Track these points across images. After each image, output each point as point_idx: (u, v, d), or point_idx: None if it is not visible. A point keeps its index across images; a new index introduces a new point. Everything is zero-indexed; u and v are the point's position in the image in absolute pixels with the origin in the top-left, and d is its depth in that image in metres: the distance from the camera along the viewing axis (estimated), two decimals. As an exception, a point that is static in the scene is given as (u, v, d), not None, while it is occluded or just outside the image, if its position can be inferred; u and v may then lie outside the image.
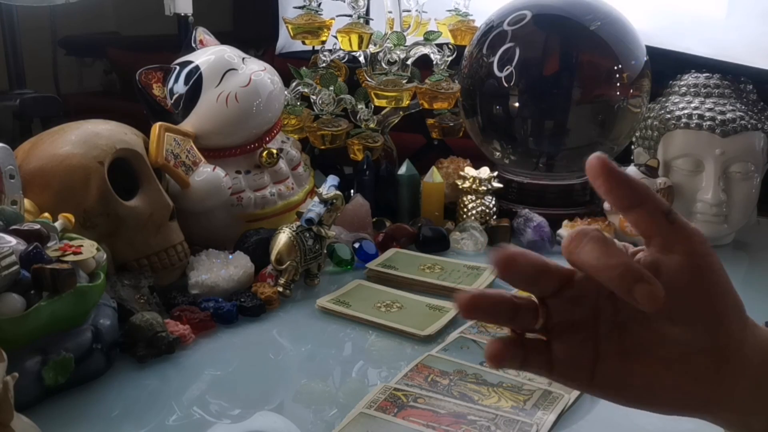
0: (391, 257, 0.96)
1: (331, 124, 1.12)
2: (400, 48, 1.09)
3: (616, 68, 1.08)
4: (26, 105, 1.22)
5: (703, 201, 1.04)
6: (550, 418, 0.61)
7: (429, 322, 0.78)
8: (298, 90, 1.13)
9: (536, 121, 1.11)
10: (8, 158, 0.73)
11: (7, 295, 0.59)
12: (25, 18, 1.27)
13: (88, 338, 0.66)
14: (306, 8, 1.12)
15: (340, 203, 0.90)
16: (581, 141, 1.12)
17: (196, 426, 0.62)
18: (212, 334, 0.77)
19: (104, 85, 2.12)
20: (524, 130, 1.11)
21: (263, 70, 0.96)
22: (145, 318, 0.71)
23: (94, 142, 0.79)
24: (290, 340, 0.78)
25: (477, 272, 0.92)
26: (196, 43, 1.00)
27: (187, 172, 0.87)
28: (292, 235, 0.85)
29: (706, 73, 1.10)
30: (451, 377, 0.67)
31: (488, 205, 1.08)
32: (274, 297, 0.83)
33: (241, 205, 0.95)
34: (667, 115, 1.08)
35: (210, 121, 0.92)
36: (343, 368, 0.73)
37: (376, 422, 0.59)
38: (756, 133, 1.05)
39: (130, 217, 0.80)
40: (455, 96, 1.13)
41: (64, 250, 0.65)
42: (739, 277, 1.01)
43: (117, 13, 2.08)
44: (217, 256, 0.87)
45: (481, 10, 1.20)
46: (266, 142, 0.98)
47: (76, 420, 0.62)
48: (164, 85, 0.94)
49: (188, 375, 0.70)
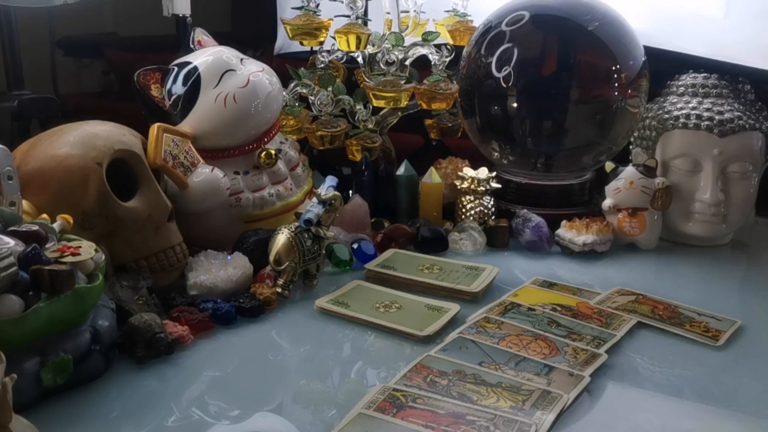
0: (390, 258, 0.96)
1: (329, 125, 1.12)
2: (399, 48, 1.09)
3: (615, 68, 1.08)
4: (24, 106, 1.22)
5: (701, 201, 1.04)
6: (549, 418, 0.61)
7: (428, 322, 0.79)
8: (296, 91, 1.13)
9: (535, 121, 1.11)
10: (6, 159, 0.73)
11: (6, 296, 0.59)
12: (23, 19, 1.27)
13: (87, 339, 0.66)
14: (304, 9, 1.12)
15: (338, 204, 0.90)
16: (579, 141, 1.12)
17: (195, 427, 0.62)
18: (211, 334, 0.77)
19: (102, 86, 2.11)
20: (523, 130, 1.12)
21: (261, 71, 0.96)
22: (143, 319, 0.71)
23: (93, 143, 0.79)
24: (289, 341, 0.78)
25: (476, 272, 0.92)
26: (195, 43, 1.00)
27: (185, 173, 0.87)
28: (290, 236, 0.85)
29: (704, 73, 1.11)
30: (450, 377, 0.67)
31: (487, 206, 1.08)
32: (272, 298, 0.83)
33: (240, 206, 0.95)
34: (666, 115, 1.08)
35: (208, 121, 0.92)
36: (342, 369, 0.73)
37: (375, 423, 0.59)
38: (754, 133, 1.05)
39: (128, 218, 0.80)
40: (454, 96, 1.13)
41: (63, 252, 0.65)
42: (738, 276, 1.01)
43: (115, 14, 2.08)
44: (216, 256, 0.87)
45: (480, 11, 1.20)
46: (265, 143, 0.98)
47: (74, 421, 0.62)
48: (163, 85, 0.94)
49: (187, 376, 0.70)
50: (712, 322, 0.81)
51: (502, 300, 0.86)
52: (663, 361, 0.74)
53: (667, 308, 0.84)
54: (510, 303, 0.84)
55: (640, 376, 0.71)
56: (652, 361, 0.74)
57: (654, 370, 0.72)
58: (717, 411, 0.67)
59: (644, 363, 0.74)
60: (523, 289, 0.89)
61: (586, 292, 0.89)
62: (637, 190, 1.04)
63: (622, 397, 0.68)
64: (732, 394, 0.69)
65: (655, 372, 0.72)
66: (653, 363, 0.74)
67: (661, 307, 0.84)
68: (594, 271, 0.98)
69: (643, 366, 0.73)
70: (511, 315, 0.81)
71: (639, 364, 0.73)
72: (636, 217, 1.04)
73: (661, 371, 0.72)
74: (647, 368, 0.73)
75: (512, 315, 0.81)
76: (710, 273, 0.99)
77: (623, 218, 1.05)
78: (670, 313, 0.83)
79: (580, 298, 0.87)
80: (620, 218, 1.05)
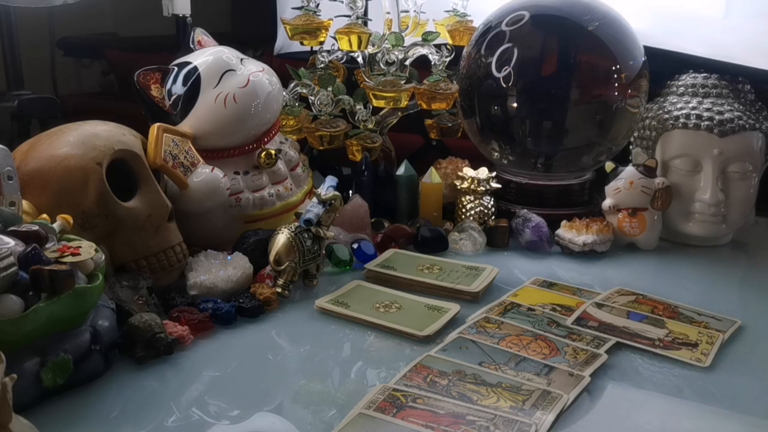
0: (390, 258, 0.96)
1: (329, 125, 1.12)
2: (399, 48, 1.09)
3: (614, 68, 1.08)
4: (24, 106, 1.22)
5: (701, 201, 1.04)
6: (549, 418, 0.61)
7: (428, 322, 0.79)
8: (296, 91, 1.13)
9: (534, 121, 1.11)
10: (6, 159, 0.73)
11: (6, 296, 0.59)
12: (23, 19, 1.27)
13: (87, 339, 0.66)
14: (304, 9, 1.12)
15: (338, 204, 0.90)
16: (579, 141, 1.12)
17: (195, 427, 0.62)
18: (211, 335, 0.77)
19: (102, 86, 2.11)
20: (522, 130, 1.12)
21: (261, 71, 0.96)
22: (143, 319, 0.71)
23: (93, 143, 0.79)
24: (289, 341, 0.78)
25: (476, 272, 0.92)
26: (195, 43, 1.00)
27: (185, 173, 0.87)
28: (290, 236, 0.85)
29: (704, 73, 1.11)
30: (449, 377, 0.67)
31: (487, 206, 1.08)
32: (272, 298, 0.83)
33: (240, 206, 0.95)
34: (665, 115, 1.08)
35: (208, 121, 0.92)
36: (341, 369, 0.72)
37: (375, 423, 0.59)
38: (754, 133, 1.05)
39: (128, 218, 0.80)
40: (453, 96, 1.13)
41: (63, 252, 0.65)
42: (738, 277, 1.01)
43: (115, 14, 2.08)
44: (216, 257, 0.87)
45: (480, 11, 1.20)
46: (264, 143, 0.98)
47: (74, 421, 0.62)
48: (162, 86, 0.94)
49: (187, 376, 0.70)
50: (712, 321, 0.81)
51: (502, 300, 0.86)
52: (663, 361, 0.74)
53: (667, 308, 0.84)
54: (510, 303, 0.84)
55: (640, 376, 0.71)
56: (652, 361, 0.74)
57: (654, 370, 0.72)
58: (717, 411, 0.67)
59: (644, 363, 0.74)
60: (523, 289, 0.89)
61: (586, 292, 0.88)
62: (637, 190, 1.04)
63: (622, 397, 0.68)
64: (732, 394, 0.69)
65: (655, 372, 0.72)
66: (653, 363, 0.73)
67: (661, 307, 0.84)
68: (594, 271, 0.98)
69: (643, 366, 0.73)
70: (511, 315, 0.81)
71: (639, 364, 0.73)
72: (636, 217, 1.04)
73: (661, 371, 0.72)
74: (647, 368, 0.73)
75: (512, 315, 0.81)
76: (710, 273, 0.99)
77: (623, 218, 1.05)
78: (670, 313, 0.83)
79: (580, 298, 0.87)
80: (620, 218, 1.05)
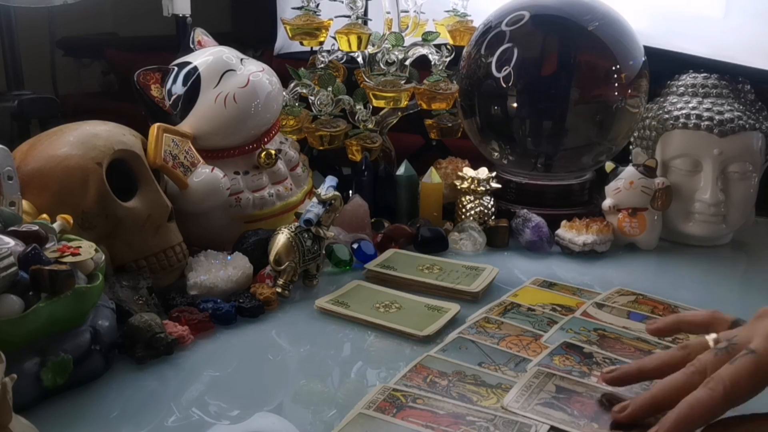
0: (390, 258, 0.96)
1: (329, 125, 1.12)
2: (399, 48, 1.09)
3: (614, 68, 1.08)
4: (24, 106, 1.22)
5: (701, 201, 1.04)
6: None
7: (428, 322, 0.79)
8: (296, 91, 1.13)
9: (534, 121, 1.11)
10: (6, 159, 0.73)
11: (6, 296, 0.59)
12: (23, 19, 1.27)
13: (87, 339, 0.66)
14: (304, 9, 1.12)
15: (338, 204, 0.90)
16: (579, 141, 1.12)
17: (195, 427, 0.62)
18: (211, 335, 0.77)
19: (102, 86, 2.11)
20: (522, 130, 1.12)
21: (261, 71, 0.96)
22: (143, 319, 0.71)
23: (93, 143, 0.79)
24: (289, 341, 0.78)
25: (476, 272, 0.92)
26: (195, 43, 1.00)
27: (185, 173, 0.87)
28: (290, 236, 0.85)
29: (704, 73, 1.11)
30: (449, 378, 0.67)
31: (487, 206, 1.08)
32: (272, 298, 0.83)
33: (240, 206, 0.95)
34: (665, 115, 1.08)
35: (208, 121, 0.92)
36: (341, 369, 0.72)
37: (374, 423, 0.59)
38: (754, 133, 1.05)
39: (128, 218, 0.80)
40: (453, 96, 1.13)
41: (63, 252, 0.65)
42: (738, 277, 1.01)
43: (115, 14, 2.08)
44: (216, 257, 0.87)
45: (480, 11, 1.20)
46: (264, 143, 0.98)
47: (74, 421, 0.62)
48: (162, 86, 0.94)
49: (187, 376, 0.70)
50: (712, 322, 0.81)
51: (502, 300, 0.86)
52: (663, 361, 0.74)
53: (667, 308, 0.84)
54: (510, 303, 0.84)
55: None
56: (652, 361, 0.74)
57: (654, 370, 0.72)
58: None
59: (644, 363, 0.73)
60: (523, 289, 0.89)
61: (586, 292, 0.88)
62: (637, 190, 1.04)
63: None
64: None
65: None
66: (653, 363, 0.73)
67: (660, 307, 0.84)
68: (594, 271, 0.98)
69: (643, 366, 0.73)
70: (511, 315, 0.81)
71: (639, 364, 0.73)
72: (636, 217, 1.04)
73: (661, 371, 0.72)
74: (647, 368, 0.73)
75: (512, 315, 0.81)
76: (710, 273, 0.99)
77: (623, 218, 1.05)
78: (670, 313, 0.83)
79: (580, 298, 0.87)
80: (620, 218, 1.05)
